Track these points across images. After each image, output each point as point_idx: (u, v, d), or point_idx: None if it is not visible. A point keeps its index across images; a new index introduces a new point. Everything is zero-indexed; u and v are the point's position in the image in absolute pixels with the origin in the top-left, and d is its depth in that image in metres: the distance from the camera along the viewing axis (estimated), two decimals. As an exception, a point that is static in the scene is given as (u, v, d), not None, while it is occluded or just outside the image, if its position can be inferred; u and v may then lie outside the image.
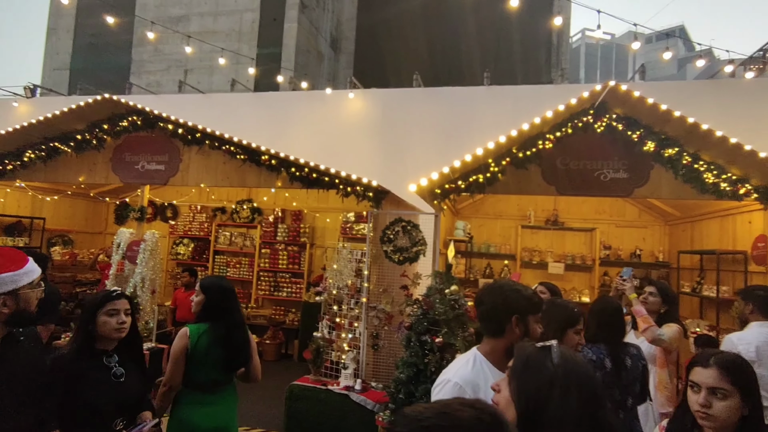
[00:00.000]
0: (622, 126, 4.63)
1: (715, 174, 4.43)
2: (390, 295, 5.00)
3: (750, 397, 1.39)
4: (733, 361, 1.44)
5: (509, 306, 1.63)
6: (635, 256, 6.54)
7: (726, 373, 1.41)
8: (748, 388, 1.39)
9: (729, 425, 1.38)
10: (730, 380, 1.39)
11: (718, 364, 1.42)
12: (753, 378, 1.41)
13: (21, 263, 1.68)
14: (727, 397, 1.38)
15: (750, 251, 4.71)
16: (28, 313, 1.71)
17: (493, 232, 7.01)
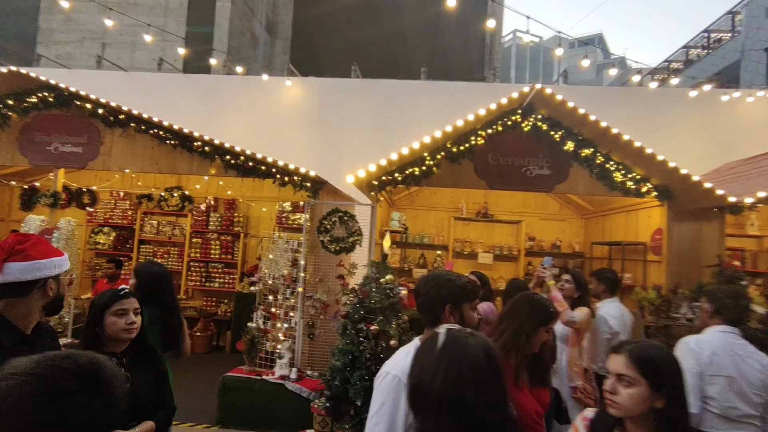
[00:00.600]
0: (547, 126, 4.99)
1: (622, 173, 4.94)
2: (326, 284, 5.04)
3: (662, 389, 1.36)
4: (646, 352, 1.42)
5: (442, 295, 1.68)
6: (555, 247, 7.10)
7: (632, 360, 1.40)
8: (658, 379, 1.36)
9: (637, 414, 1.37)
10: (636, 368, 1.38)
11: (628, 352, 1.42)
12: (670, 371, 1.38)
13: (60, 251, 1.67)
14: (632, 384, 1.37)
15: (649, 243, 5.31)
16: (61, 300, 1.67)
17: (428, 223, 7.26)
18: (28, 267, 1.55)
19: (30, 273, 1.54)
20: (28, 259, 1.55)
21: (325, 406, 4.09)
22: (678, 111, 7.34)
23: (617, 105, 7.40)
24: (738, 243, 6.41)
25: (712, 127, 7.40)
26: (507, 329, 2.02)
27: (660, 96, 7.53)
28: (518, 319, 2.03)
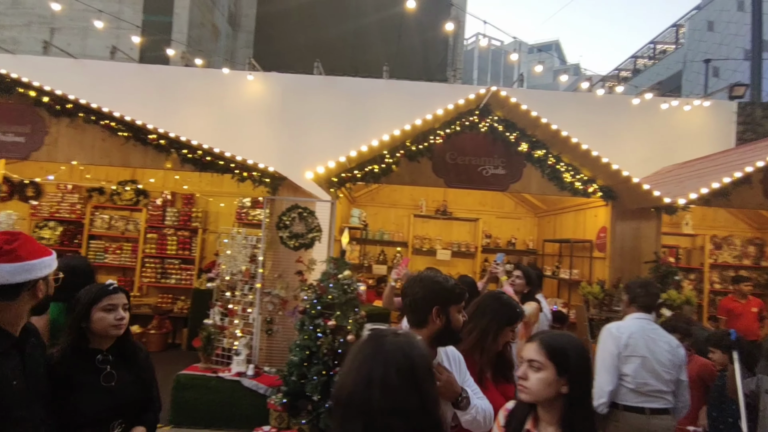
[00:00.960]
0: (502, 127, 5.19)
1: (571, 174, 5.20)
2: (285, 280, 5.03)
3: (566, 374, 1.39)
4: (556, 339, 1.46)
5: (430, 297, 1.70)
6: (511, 244, 7.38)
7: (542, 346, 1.44)
8: (564, 365, 1.39)
9: (544, 398, 1.41)
10: (545, 353, 1.42)
11: (539, 339, 1.47)
12: (576, 358, 1.41)
13: (48, 250, 1.58)
14: (540, 369, 1.41)
15: (595, 240, 5.62)
16: (49, 300, 1.61)
17: (388, 220, 7.37)
18: (18, 268, 1.45)
19: (20, 275, 1.45)
20: (18, 260, 1.45)
21: (282, 402, 4.10)
22: (623, 117, 7.80)
23: (568, 109, 7.77)
24: (674, 241, 6.89)
25: (653, 133, 7.91)
26: (474, 329, 2.05)
27: (607, 102, 7.97)
28: (485, 318, 2.07)
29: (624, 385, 2.72)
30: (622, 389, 2.72)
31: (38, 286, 1.53)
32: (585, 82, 7.90)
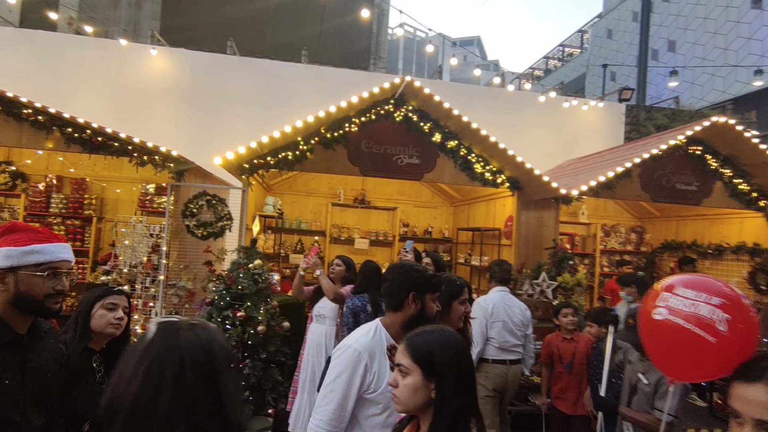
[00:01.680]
0: (417, 117, 5.28)
1: (482, 165, 5.45)
2: (192, 271, 4.75)
3: (433, 377, 1.23)
4: (423, 338, 1.29)
5: (408, 283, 1.75)
6: (428, 233, 7.60)
7: (408, 348, 1.28)
8: (430, 367, 1.23)
9: (415, 406, 1.25)
10: (410, 355, 1.25)
11: (406, 339, 1.31)
12: (443, 359, 1.24)
13: (33, 242, 1.38)
14: (407, 374, 1.25)
15: (503, 228, 5.97)
16: (30, 299, 1.37)
17: (305, 208, 7.23)
18: None
19: None
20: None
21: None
22: (530, 113, 8.33)
23: (482, 103, 8.13)
24: (572, 229, 7.53)
25: (557, 129, 8.55)
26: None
27: (516, 98, 8.45)
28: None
29: (491, 345, 3.54)
30: (490, 348, 3.54)
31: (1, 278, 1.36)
32: (497, 77, 8.27)
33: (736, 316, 1.36)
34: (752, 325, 1.36)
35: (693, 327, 1.41)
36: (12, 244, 1.36)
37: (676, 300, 1.49)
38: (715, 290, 1.43)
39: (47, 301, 1.38)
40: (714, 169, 5.74)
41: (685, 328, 1.43)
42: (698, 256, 6.71)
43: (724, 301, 1.40)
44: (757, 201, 5.79)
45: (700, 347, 1.40)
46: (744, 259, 6.18)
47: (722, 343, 1.35)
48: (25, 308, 1.37)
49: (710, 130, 5.46)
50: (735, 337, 1.34)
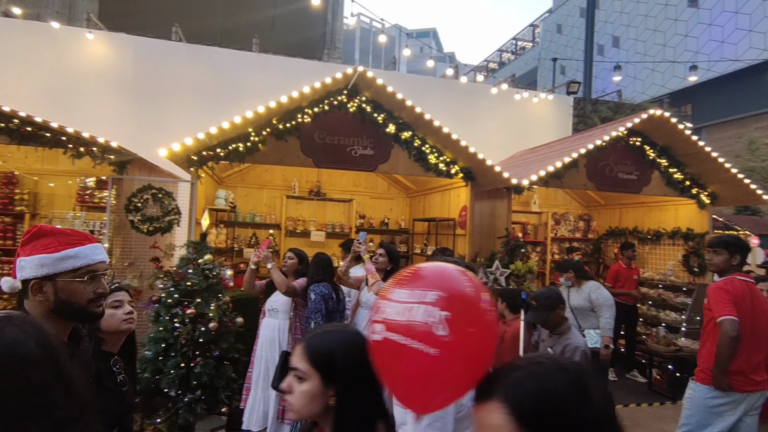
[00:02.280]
0: (370, 108, 5.25)
1: (436, 156, 5.50)
2: (138, 268, 4.54)
3: (332, 383, 1.11)
4: (322, 339, 1.17)
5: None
6: (384, 224, 7.62)
7: (305, 350, 1.14)
8: (330, 372, 1.11)
9: (311, 414, 1.13)
10: (309, 360, 1.12)
11: (304, 341, 1.17)
12: (345, 363, 1.12)
13: (66, 246, 1.31)
14: (303, 380, 1.12)
15: (457, 218, 6.07)
16: (73, 306, 1.31)
17: (259, 201, 7.06)
18: (17, 264, 1.30)
19: (19, 272, 1.29)
20: (20, 254, 1.31)
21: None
22: (483, 104, 8.49)
23: (436, 94, 8.21)
24: (525, 218, 7.78)
25: (509, 121, 8.77)
26: None
27: (470, 90, 8.59)
28: None
29: None
30: None
31: (41, 285, 1.28)
32: (450, 69, 8.37)
33: (458, 312, 0.95)
34: (484, 323, 0.98)
35: (410, 341, 0.96)
36: (43, 251, 1.28)
37: (391, 308, 1.02)
38: (432, 282, 1.01)
39: (90, 306, 1.34)
40: (652, 159, 6.08)
41: (402, 345, 0.97)
42: (638, 241, 7.12)
43: (441, 294, 0.97)
44: (690, 189, 6.19)
45: (421, 365, 0.95)
46: (679, 244, 6.61)
47: (445, 351, 0.93)
48: (69, 315, 1.32)
49: (648, 123, 5.77)
50: (460, 340, 0.94)
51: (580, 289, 4.67)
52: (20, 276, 1.29)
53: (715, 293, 2.82)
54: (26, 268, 1.28)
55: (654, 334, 5.64)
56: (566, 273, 4.76)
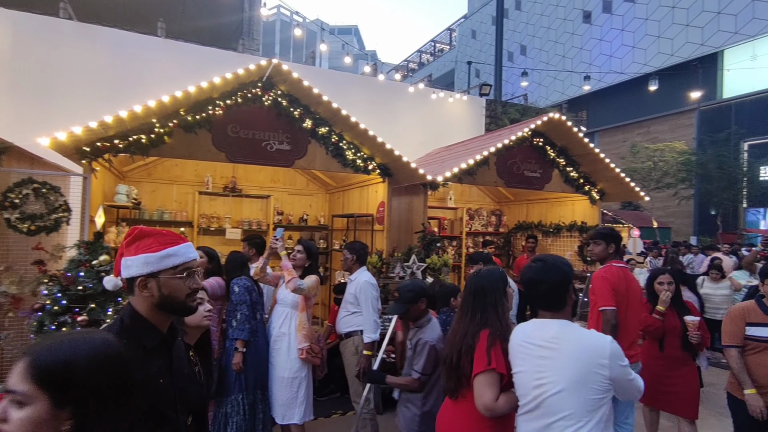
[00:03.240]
0: (287, 102, 5.13)
1: (353, 152, 5.52)
2: (17, 273, 4.01)
3: (67, 405, 0.87)
4: (53, 353, 0.89)
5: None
6: (303, 221, 7.49)
7: (29, 365, 0.87)
8: (62, 389, 0.86)
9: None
10: (32, 376, 0.86)
11: (28, 355, 0.89)
12: (85, 380, 0.88)
13: (165, 246, 1.41)
14: (24, 404, 0.85)
15: (375, 214, 6.15)
16: (174, 301, 1.41)
17: (168, 197, 6.58)
18: (123, 263, 1.42)
19: (125, 270, 1.40)
20: (126, 254, 1.43)
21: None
22: (402, 102, 8.68)
23: (356, 91, 8.23)
24: (441, 213, 8.09)
25: (427, 119, 9.06)
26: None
27: (388, 88, 8.73)
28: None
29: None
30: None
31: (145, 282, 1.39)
32: (367, 66, 8.44)
33: None
34: None
35: None
36: (146, 251, 1.39)
37: None
38: None
39: (188, 300, 1.44)
40: (552, 158, 6.63)
41: None
42: (542, 234, 7.73)
43: None
44: (584, 186, 6.85)
45: None
46: (575, 236, 7.29)
47: None
48: (170, 309, 1.42)
49: (548, 125, 6.28)
50: None
51: None
52: (126, 274, 1.39)
53: (597, 282, 3.16)
54: (132, 266, 1.38)
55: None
56: (476, 265, 4.99)
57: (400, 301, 2.84)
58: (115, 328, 1.34)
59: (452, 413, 2.13)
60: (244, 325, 3.50)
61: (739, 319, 2.97)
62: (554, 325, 1.84)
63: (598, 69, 21.56)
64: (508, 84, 24.27)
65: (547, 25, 25.45)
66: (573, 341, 1.77)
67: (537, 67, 23.99)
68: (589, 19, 23.05)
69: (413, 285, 2.89)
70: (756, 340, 2.90)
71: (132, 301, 1.39)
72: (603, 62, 22.00)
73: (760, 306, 2.98)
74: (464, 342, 2.09)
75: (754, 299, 3.05)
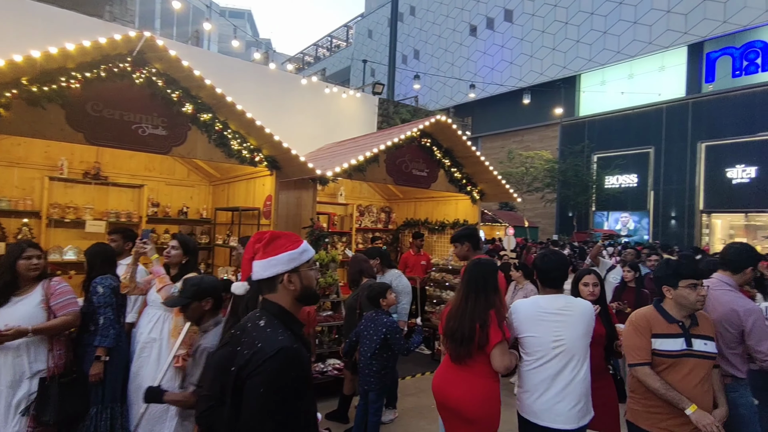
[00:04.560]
0: (163, 83, 4.64)
1: (239, 142, 5.21)
2: None
3: None
4: None
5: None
6: (183, 213, 6.88)
7: None
8: None
9: None
10: None
11: None
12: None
13: (298, 243, 1.62)
14: None
15: (262, 208, 5.89)
16: (310, 291, 1.61)
17: (8, 182, 5.51)
18: (265, 264, 1.55)
19: (268, 270, 1.54)
20: (266, 256, 1.56)
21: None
22: (294, 94, 8.45)
23: (247, 79, 7.81)
24: (332, 209, 8.05)
25: (321, 114, 8.95)
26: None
27: (281, 78, 8.44)
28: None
29: None
30: None
31: (288, 277, 1.56)
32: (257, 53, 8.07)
33: None
34: None
35: None
36: (286, 249, 1.55)
37: None
38: None
39: (317, 290, 1.63)
40: (439, 159, 6.99)
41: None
42: (428, 231, 8.13)
43: None
44: (466, 186, 7.34)
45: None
46: (457, 233, 7.78)
47: None
48: (307, 300, 1.59)
49: (435, 126, 6.60)
50: None
51: (383, 276, 4.87)
52: (270, 273, 1.53)
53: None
54: (277, 265, 1.53)
55: (437, 311, 6.52)
56: (373, 260, 4.98)
57: (182, 294, 2.52)
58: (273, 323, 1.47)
59: (459, 375, 2.58)
60: (107, 330, 3.10)
61: (645, 330, 2.43)
62: (561, 298, 2.57)
63: (482, 79, 23.39)
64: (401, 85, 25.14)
65: (439, 34, 26.89)
66: (578, 307, 2.54)
67: (429, 72, 25.22)
68: (475, 32, 24.88)
69: (200, 280, 2.57)
70: (663, 356, 2.38)
71: (272, 298, 1.54)
72: (486, 74, 23.93)
73: (661, 313, 2.46)
74: (478, 319, 2.49)
75: (653, 305, 2.54)
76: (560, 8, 21.13)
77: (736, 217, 17.18)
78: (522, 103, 16.57)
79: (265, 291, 1.54)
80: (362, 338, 3.64)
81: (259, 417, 1.29)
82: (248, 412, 1.31)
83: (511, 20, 23.10)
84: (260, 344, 1.38)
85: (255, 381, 1.32)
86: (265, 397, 1.30)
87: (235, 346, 1.45)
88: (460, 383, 2.58)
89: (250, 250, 1.59)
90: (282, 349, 1.35)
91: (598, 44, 19.80)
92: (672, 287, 2.43)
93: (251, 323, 1.49)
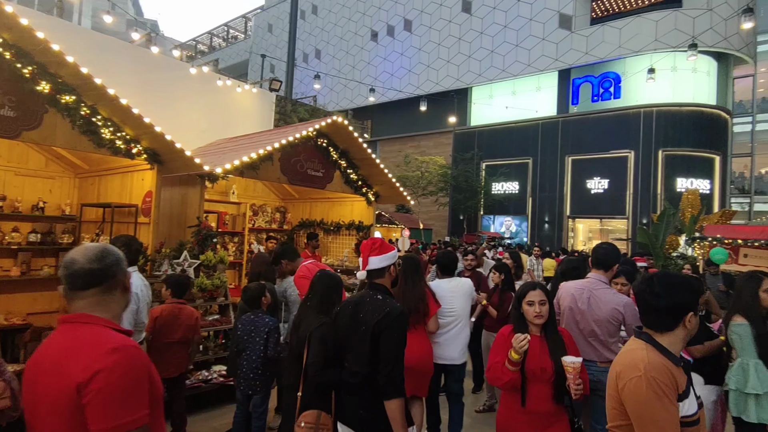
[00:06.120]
0: (11, 55, 3.97)
1: (111, 131, 4.65)
2: None
3: None
4: None
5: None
6: (38, 209, 5.94)
7: None
8: None
9: None
10: None
11: None
12: None
13: (391, 248, 2.41)
14: None
15: (141, 205, 5.34)
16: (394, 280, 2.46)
17: None
18: (381, 258, 2.35)
19: (381, 262, 2.35)
20: (381, 253, 2.35)
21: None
22: (182, 84, 7.82)
23: (125, 61, 7.02)
24: (223, 208, 7.59)
25: (213, 107, 8.40)
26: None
27: (165, 64, 7.75)
28: None
29: None
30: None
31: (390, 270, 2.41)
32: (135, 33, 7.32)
33: None
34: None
35: None
36: (389, 251, 2.37)
37: None
38: None
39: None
40: (335, 160, 6.97)
41: None
42: (324, 232, 8.06)
43: None
44: (362, 188, 7.43)
45: None
46: (353, 234, 7.84)
47: None
48: (393, 284, 2.42)
49: (332, 127, 6.58)
50: None
51: (282, 282, 4.42)
52: (381, 265, 2.33)
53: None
54: (386, 260, 2.34)
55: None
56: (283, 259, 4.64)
57: None
58: (386, 297, 2.30)
59: (414, 336, 3.13)
60: None
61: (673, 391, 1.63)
62: (454, 280, 3.86)
63: (382, 84, 23.98)
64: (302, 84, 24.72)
65: (341, 36, 26.97)
66: (462, 285, 3.85)
67: (330, 73, 25.15)
68: (376, 38, 25.42)
69: None
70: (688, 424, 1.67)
71: (382, 281, 2.34)
72: (386, 79, 24.58)
73: (668, 356, 1.65)
74: (419, 297, 3.36)
75: (644, 342, 1.68)
76: (454, 24, 22.54)
77: (593, 222, 19.93)
78: (419, 109, 17.32)
79: (376, 277, 2.33)
80: (245, 343, 3.50)
81: (396, 349, 2.12)
82: (389, 348, 2.10)
83: (411, 30, 24.04)
84: (388, 309, 2.15)
85: (392, 330, 2.11)
86: (398, 338, 2.12)
87: (357, 314, 2.22)
88: (417, 341, 3.27)
89: (366, 250, 2.34)
90: (402, 311, 2.19)
91: (486, 61, 21.50)
92: (694, 313, 1.64)
93: (369, 298, 2.26)
